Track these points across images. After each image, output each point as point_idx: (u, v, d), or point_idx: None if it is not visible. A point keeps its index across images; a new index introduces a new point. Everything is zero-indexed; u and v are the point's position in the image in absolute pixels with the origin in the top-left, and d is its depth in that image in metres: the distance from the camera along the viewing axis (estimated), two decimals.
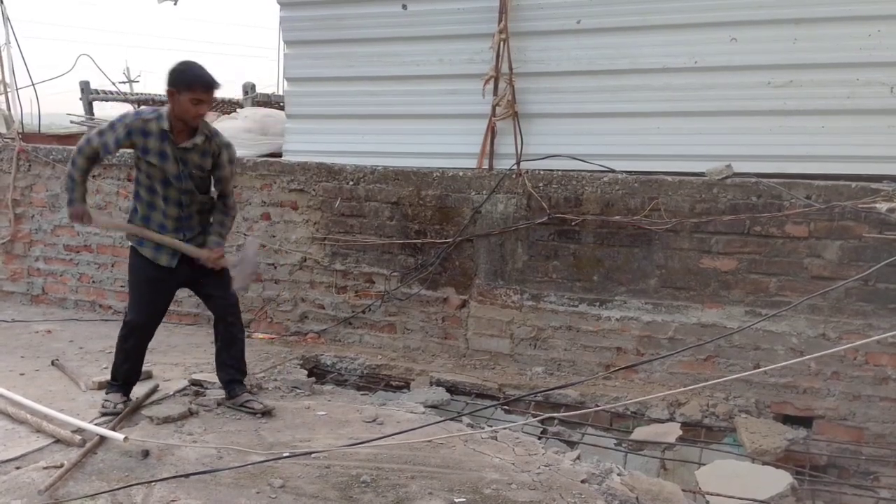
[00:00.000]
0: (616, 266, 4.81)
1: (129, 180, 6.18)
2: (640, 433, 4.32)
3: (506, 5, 5.01)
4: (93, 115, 8.68)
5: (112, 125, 3.85)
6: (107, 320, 6.13)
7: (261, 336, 5.71)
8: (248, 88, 8.19)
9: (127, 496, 3.10)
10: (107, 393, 4.10)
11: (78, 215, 3.94)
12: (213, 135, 4.00)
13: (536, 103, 5.14)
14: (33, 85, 7.36)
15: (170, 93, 3.75)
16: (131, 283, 4.11)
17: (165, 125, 3.81)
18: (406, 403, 4.44)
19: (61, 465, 3.30)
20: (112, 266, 6.34)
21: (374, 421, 4.07)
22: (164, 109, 3.86)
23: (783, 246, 4.42)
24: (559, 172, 4.95)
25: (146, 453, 3.48)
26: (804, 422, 4.43)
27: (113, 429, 3.69)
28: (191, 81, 3.73)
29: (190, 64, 3.81)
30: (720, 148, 4.72)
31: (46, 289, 6.64)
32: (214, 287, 4.15)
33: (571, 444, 4.29)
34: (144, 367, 4.66)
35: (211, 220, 4.12)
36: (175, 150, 3.86)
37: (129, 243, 4.10)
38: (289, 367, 4.97)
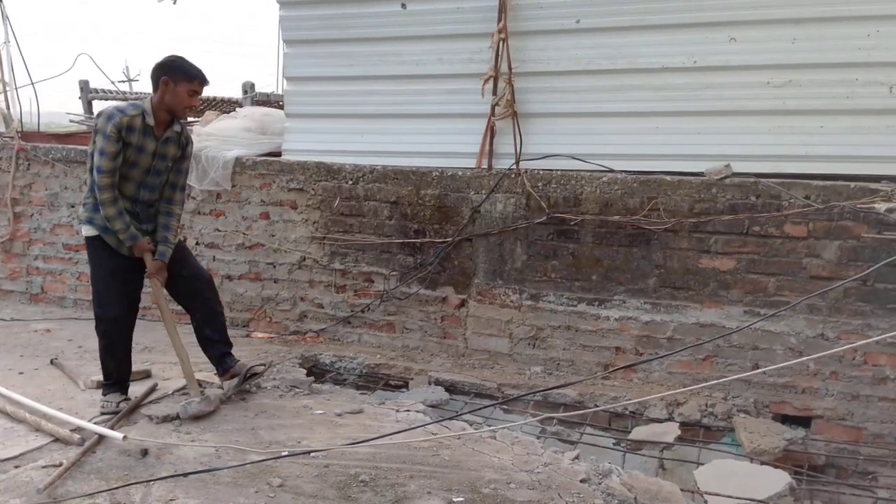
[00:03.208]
0: (615, 266, 4.81)
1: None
2: (638, 433, 4.32)
3: (505, 5, 5.00)
4: (92, 114, 8.67)
5: (106, 136, 3.73)
6: None
7: (260, 335, 5.71)
8: (248, 87, 8.17)
9: (126, 495, 3.10)
10: (104, 394, 4.09)
11: (143, 248, 3.96)
12: (182, 126, 4.07)
13: (536, 103, 5.14)
14: (32, 84, 7.36)
15: (164, 82, 3.81)
16: (97, 276, 4.01)
17: (151, 121, 3.85)
18: (405, 403, 4.44)
19: (60, 464, 3.30)
20: None
21: (372, 420, 4.07)
22: (145, 103, 3.87)
23: (782, 246, 4.43)
24: (558, 172, 4.95)
25: (145, 452, 3.48)
26: (803, 422, 4.44)
27: (112, 428, 3.69)
28: (191, 73, 3.85)
29: (184, 58, 3.90)
30: (719, 148, 4.72)
31: (45, 287, 6.64)
32: (183, 267, 4.14)
33: (570, 444, 4.29)
34: (143, 367, 4.68)
35: (156, 224, 4.06)
36: (156, 144, 3.90)
37: (85, 234, 3.98)
38: (287, 366, 4.96)
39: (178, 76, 3.82)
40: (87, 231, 3.98)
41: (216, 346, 4.24)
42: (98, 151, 3.78)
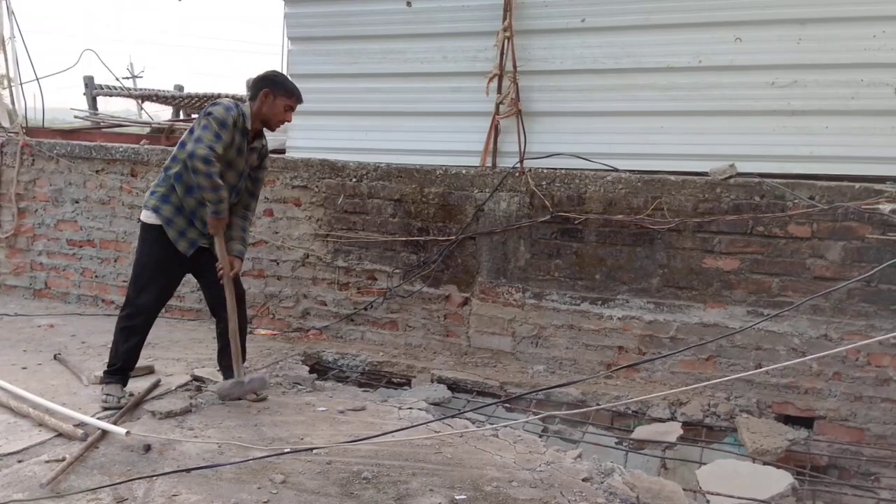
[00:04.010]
0: (618, 265, 4.81)
1: (133, 175, 6.19)
2: (641, 432, 4.32)
3: (510, 3, 5.01)
4: (96, 109, 8.69)
5: (224, 123, 3.82)
6: (109, 315, 6.13)
7: (263, 332, 5.72)
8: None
9: (128, 490, 3.10)
10: (104, 382, 4.09)
11: (225, 224, 3.97)
12: (266, 141, 4.20)
13: (540, 101, 5.14)
14: (37, 79, 7.36)
15: (265, 94, 3.94)
16: (142, 263, 4.04)
17: (248, 124, 3.96)
18: (407, 400, 4.45)
19: (63, 459, 3.30)
20: (115, 261, 6.35)
21: (375, 417, 4.08)
22: (244, 107, 3.96)
23: (786, 246, 4.42)
24: (562, 171, 4.95)
25: (148, 448, 3.48)
26: (805, 422, 4.44)
27: (115, 423, 3.69)
28: (291, 89, 4.01)
29: (284, 74, 4.09)
30: (724, 148, 4.72)
31: (49, 283, 6.66)
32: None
33: (573, 443, 4.30)
34: (147, 363, 4.69)
35: (232, 223, 4.11)
36: (246, 149, 4.00)
37: (145, 220, 4.00)
38: (290, 363, 4.97)
39: (278, 90, 3.94)
40: (149, 218, 3.99)
41: (228, 358, 4.27)
42: (214, 135, 3.80)
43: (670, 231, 4.64)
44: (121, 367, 4.09)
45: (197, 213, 3.98)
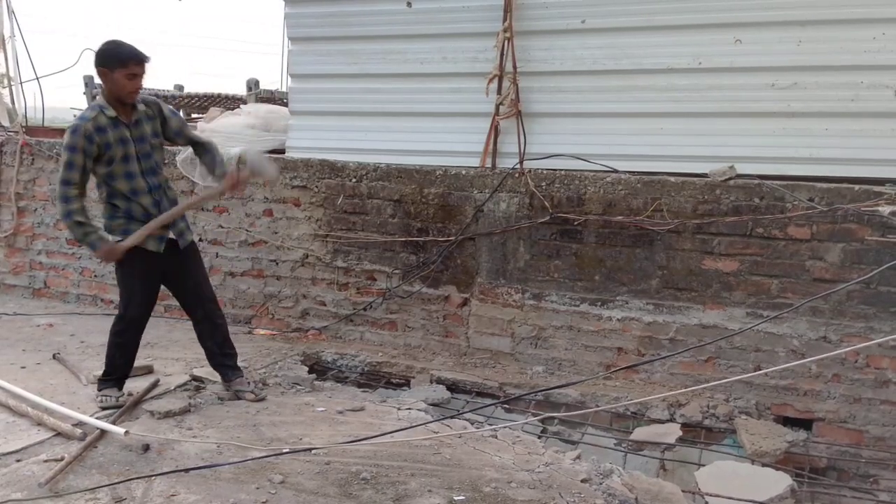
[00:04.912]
0: (618, 266, 4.81)
1: None
2: (640, 433, 4.32)
3: (510, 4, 5.00)
4: None
5: (72, 148, 3.72)
6: (108, 314, 6.10)
7: (262, 332, 5.71)
8: (252, 84, 8.19)
9: (127, 490, 3.10)
10: (100, 389, 4.09)
11: (111, 253, 3.86)
12: (145, 100, 3.97)
13: (540, 102, 5.13)
14: (37, 79, 7.36)
15: (102, 73, 3.75)
16: (123, 275, 4.02)
17: (111, 112, 3.80)
18: (406, 401, 4.44)
19: (62, 459, 3.31)
20: None
21: (374, 418, 4.08)
22: (100, 99, 3.84)
23: (785, 248, 4.42)
24: (562, 172, 4.95)
25: (146, 447, 3.48)
26: (804, 424, 4.44)
27: (114, 423, 3.69)
28: (123, 57, 3.74)
29: (117, 42, 3.82)
30: (723, 149, 4.72)
31: (48, 282, 6.65)
32: (190, 276, 4.14)
33: (572, 444, 4.30)
34: (146, 362, 4.70)
35: (202, 163, 4.04)
36: (129, 130, 3.84)
37: (117, 238, 3.96)
38: (289, 363, 4.97)
39: (111, 64, 3.72)
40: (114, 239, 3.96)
41: (216, 357, 4.29)
42: (66, 166, 3.73)
43: (670, 232, 4.64)
44: (118, 377, 4.12)
45: (150, 211, 3.91)
